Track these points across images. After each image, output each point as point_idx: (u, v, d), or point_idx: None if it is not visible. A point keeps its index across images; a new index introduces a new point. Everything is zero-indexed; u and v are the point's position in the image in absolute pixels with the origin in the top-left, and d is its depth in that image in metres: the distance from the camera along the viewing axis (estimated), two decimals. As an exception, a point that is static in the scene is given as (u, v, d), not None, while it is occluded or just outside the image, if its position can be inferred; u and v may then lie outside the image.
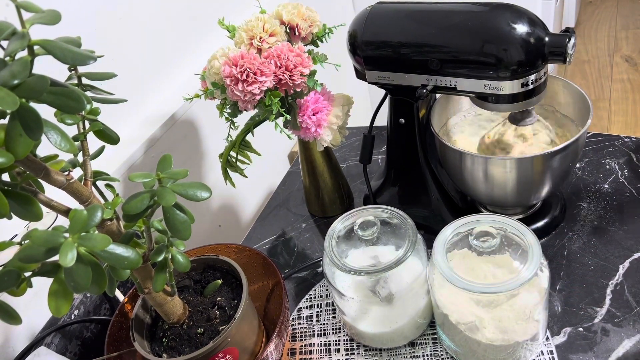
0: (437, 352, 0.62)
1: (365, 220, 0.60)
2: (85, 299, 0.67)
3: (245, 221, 1.05)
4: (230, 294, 0.56)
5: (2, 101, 0.27)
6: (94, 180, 0.44)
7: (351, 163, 0.98)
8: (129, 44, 0.77)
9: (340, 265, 0.56)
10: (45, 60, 0.32)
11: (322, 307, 0.71)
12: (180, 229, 0.40)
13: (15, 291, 0.37)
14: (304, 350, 0.66)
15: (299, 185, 0.96)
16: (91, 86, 0.43)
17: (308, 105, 0.67)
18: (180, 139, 0.85)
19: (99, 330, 0.68)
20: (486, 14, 0.58)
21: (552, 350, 0.59)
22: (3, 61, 0.31)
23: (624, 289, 0.63)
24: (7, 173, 0.36)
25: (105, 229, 0.42)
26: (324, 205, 0.86)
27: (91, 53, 0.33)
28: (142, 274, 0.47)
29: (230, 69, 0.61)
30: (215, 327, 0.53)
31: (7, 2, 0.50)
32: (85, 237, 0.33)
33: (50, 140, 0.33)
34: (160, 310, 0.51)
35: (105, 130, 0.44)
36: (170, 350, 0.52)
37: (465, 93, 0.62)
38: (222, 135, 0.75)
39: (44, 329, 0.62)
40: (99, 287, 0.35)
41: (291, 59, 0.62)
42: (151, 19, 0.81)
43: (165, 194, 0.38)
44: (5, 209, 0.32)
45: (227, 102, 0.67)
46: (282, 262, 0.81)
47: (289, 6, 0.67)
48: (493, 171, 0.63)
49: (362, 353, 0.64)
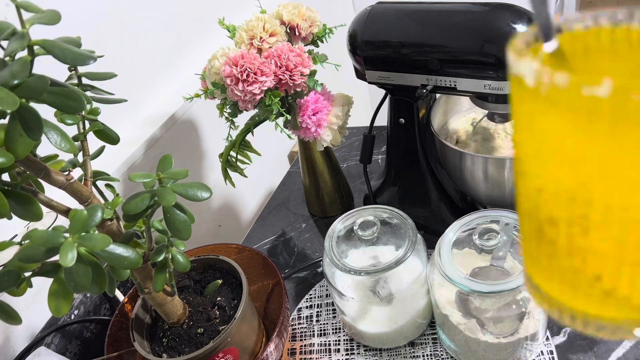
0: (437, 352, 0.62)
1: (365, 220, 0.60)
2: (85, 299, 0.67)
3: (245, 221, 1.05)
4: (230, 294, 0.56)
5: (2, 101, 0.27)
6: (94, 180, 0.44)
7: (351, 163, 0.98)
8: (129, 44, 0.77)
9: (340, 265, 0.56)
10: (45, 60, 0.32)
11: (322, 307, 0.71)
12: (180, 229, 0.40)
13: (15, 291, 0.37)
14: (304, 350, 0.66)
15: (299, 185, 0.96)
16: (91, 86, 0.43)
17: (308, 105, 0.67)
18: (180, 139, 0.85)
19: (99, 330, 0.68)
20: (486, 14, 0.58)
21: (552, 350, 0.59)
22: (3, 61, 0.31)
23: (624, 289, 0.63)
24: (7, 173, 0.36)
25: (105, 229, 0.42)
26: (324, 205, 0.86)
27: (91, 53, 0.33)
28: (142, 274, 0.47)
29: (230, 68, 0.61)
30: (215, 327, 0.53)
31: (7, 2, 0.50)
32: (86, 237, 0.33)
33: (50, 140, 0.33)
34: (160, 310, 0.51)
35: (105, 130, 0.44)
36: (170, 350, 0.52)
37: (465, 93, 0.62)
38: (222, 135, 0.75)
39: (44, 329, 0.62)
40: (99, 287, 0.35)
41: (291, 58, 0.62)
42: (151, 18, 0.81)
43: (165, 194, 0.38)
44: (5, 209, 0.32)
45: (227, 102, 0.67)
46: (282, 262, 0.80)
47: (289, 6, 0.67)
48: (493, 171, 0.63)
49: (362, 353, 0.64)
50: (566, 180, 0.22)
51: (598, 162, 0.21)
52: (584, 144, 0.20)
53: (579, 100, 0.19)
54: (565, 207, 0.23)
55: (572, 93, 0.19)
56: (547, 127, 0.22)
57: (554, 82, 0.19)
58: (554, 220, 0.24)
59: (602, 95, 0.18)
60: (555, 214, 0.23)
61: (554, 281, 0.26)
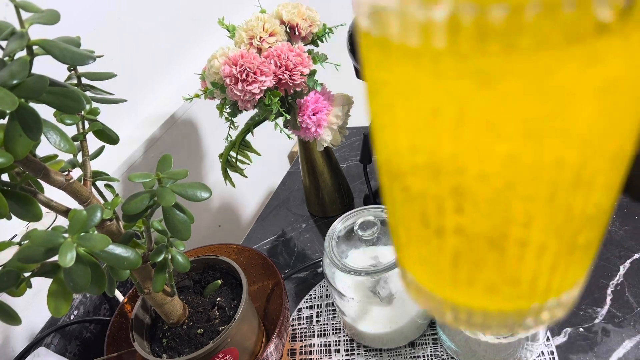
0: (438, 352, 0.62)
1: (366, 221, 0.60)
2: (85, 299, 0.67)
3: (245, 221, 1.05)
4: (230, 295, 0.56)
5: (2, 101, 0.27)
6: (93, 180, 0.44)
7: (351, 163, 0.98)
8: (129, 44, 0.77)
9: (341, 266, 0.56)
10: (45, 60, 0.32)
11: (322, 307, 0.71)
12: (180, 229, 0.40)
13: (14, 291, 0.37)
14: (304, 351, 0.66)
15: (299, 185, 0.96)
16: (91, 86, 0.43)
17: (308, 105, 0.67)
18: (180, 139, 0.85)
19: (98, 331, 0.68)
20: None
21: (552, 350, 0.59)
22: (2, 61, 0.30)
23: (624, 289, 0.63)
24: (6, 173, 0.36)
25: (104, 229, 0.42)
26: (324, 205, 0.85)
27: (90, 53, 0.33)
28: (142, 274, 0.47)
29: (230, 68, 0.61)
30: (215, 328, 0.53)
31: (7, 2, 0.50)
32: (85, 237, 0.33)
33: (50, 141, 0.33)
34: (160, 311, 0.51)
35: (104, 130, 0.44)
36: (170, 351, 0.52)
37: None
38: (222, 135, 0.75)
39: (44, 330, 0.62)
40: (98, 288, 0.34)
41: (291, 58, 0.62)
42: (151, 18, 0.81)
43: (165, 194, 0.38)
44: (4, 209, 0.32)
45: (227, 101, 0.67)
46: (282, 263, 0.80)
47: (289, 6, 0.67)
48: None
49: (362, 353, 0.64)
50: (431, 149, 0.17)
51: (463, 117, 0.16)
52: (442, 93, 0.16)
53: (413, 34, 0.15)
54: (433, 181, 0.18)
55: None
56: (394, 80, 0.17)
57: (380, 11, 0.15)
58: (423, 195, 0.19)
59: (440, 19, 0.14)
60: (421, 187, 0.19)
61: (427, 271, 0.22)
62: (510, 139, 0.16)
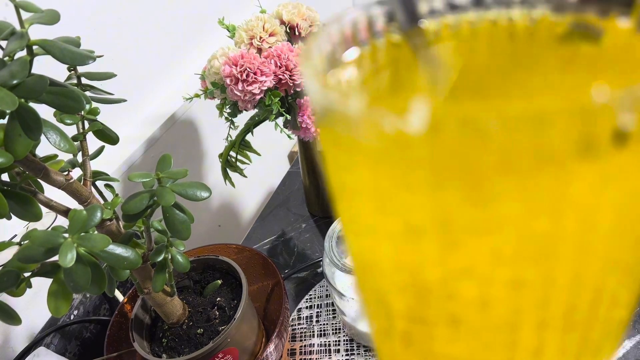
0: (437, 352, 0.62)
1: (365, 221, 0.60)
2: (85, 299, 0.67)
3: (245, 221, 1.05)
4: (230, 294, 0.56)
5: (1, 101, 0.27)
6: (93, 180, 0.44)
7: (351, 163, 0.98)
8: (129, 44, 0.77)
9: (340, 266, 0.56)
10: (45, 60, 0.32)
11: (322, 307, 0.71)
12: (180, 229, 0.40)
13: (14, 291, 0.37)
14: (304, 351, 0.66)
15: (299, 185, 0.96)
16: (91, 86, 0.43)
17: (308, 105, 0.67)
18: (180, 139, 0.85)
19: (98, 331, 0.68)
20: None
21: (552, 350, 0.59)
22: (2, 61, 0.30)
23: (624, 289, 0.63)
24: (6, 173, 0.36)
25: (104, 229, 0.42)
26: (324, 205, 0.85)
27: (90, 53, 0.33)
28: (142, 274, 0.47)
29: (230, 68, 0.61)
30: (215, 328, 0.53)
31: (7, 2, 0.50)
32: (85, 237, 0.33)
33: (50, 140, 0.33)
34: (160, 311, 0.51)
35: (104, 130, 0.44)
36: (169, 351, 0.52)
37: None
38: (222, 135, 0.75)
39: (44, 330, 0.62)
40: (98, 288, 0.34)
41: (291, 58, 0.62)
42: (151, 18, 0.81)
43: (164, 194, 0.38)
44: (4, 209, 0.32)
45: (227, 101, 0.67)
46: (282, 263, 0.80)
47: (289, 6, 0.67)
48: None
49: (362, 353, 0.64)
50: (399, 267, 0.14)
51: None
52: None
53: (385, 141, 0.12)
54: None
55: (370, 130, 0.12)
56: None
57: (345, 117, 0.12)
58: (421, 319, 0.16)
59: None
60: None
61: None
62: (514, 262, 0.13)
